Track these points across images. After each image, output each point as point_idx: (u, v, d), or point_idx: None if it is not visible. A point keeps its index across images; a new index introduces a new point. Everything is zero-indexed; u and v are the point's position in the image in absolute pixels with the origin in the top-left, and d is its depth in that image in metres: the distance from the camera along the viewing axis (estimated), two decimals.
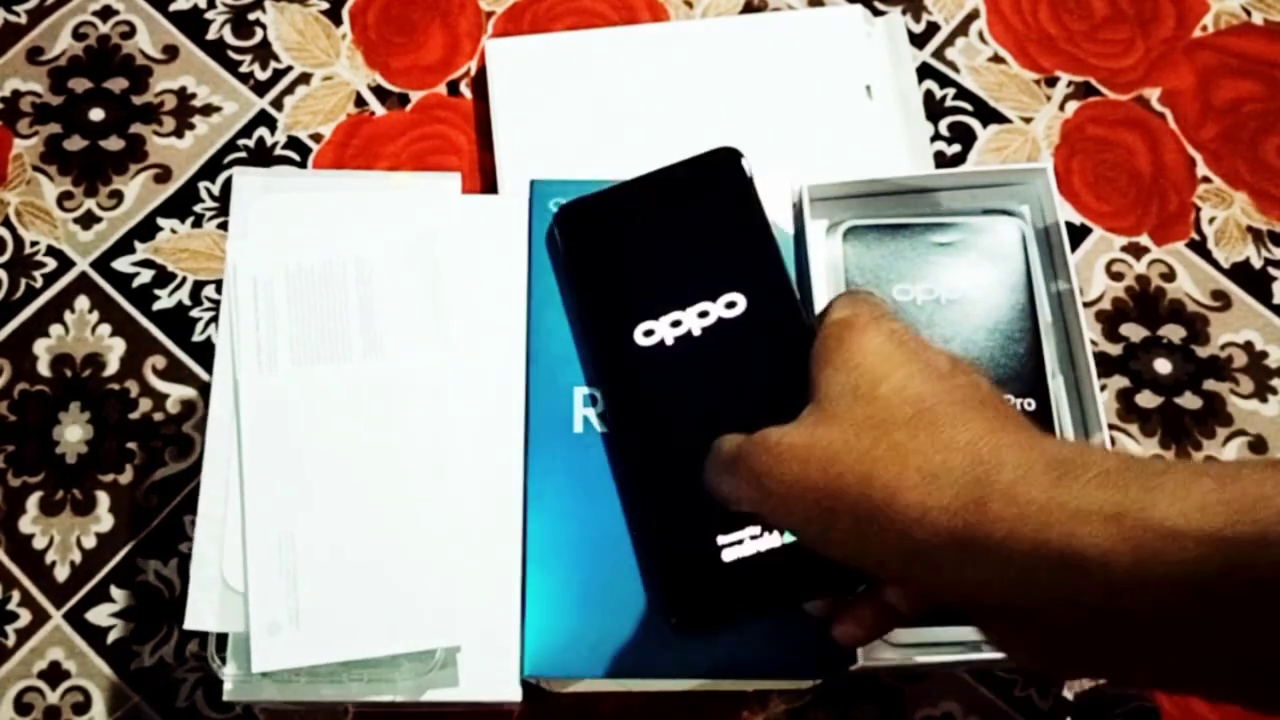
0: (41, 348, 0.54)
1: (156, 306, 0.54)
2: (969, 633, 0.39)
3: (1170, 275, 0.54)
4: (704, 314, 0.41)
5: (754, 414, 0.39)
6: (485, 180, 0.56)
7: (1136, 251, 0.55)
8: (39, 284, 0.55)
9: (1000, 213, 0.45)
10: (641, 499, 0.39)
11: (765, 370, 0.40)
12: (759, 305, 0.41)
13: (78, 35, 0.59)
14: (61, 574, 0.50)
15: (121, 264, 0.55)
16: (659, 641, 0.39)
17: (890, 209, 0.45)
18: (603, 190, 0.43)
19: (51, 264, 0.55)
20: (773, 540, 0.38)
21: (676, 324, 0.41)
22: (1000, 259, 0.44)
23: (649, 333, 0.41)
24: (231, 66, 0.59)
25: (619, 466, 0.40)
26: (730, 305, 0.41)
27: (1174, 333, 0.53)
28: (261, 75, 0.59)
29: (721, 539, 0.38)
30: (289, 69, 0.59)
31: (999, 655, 0.40)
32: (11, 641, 0.49)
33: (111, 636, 0.49)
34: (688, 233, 0.42)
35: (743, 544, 0.38)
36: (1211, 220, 0.55)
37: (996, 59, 0.59)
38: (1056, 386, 0.42)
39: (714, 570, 0.38)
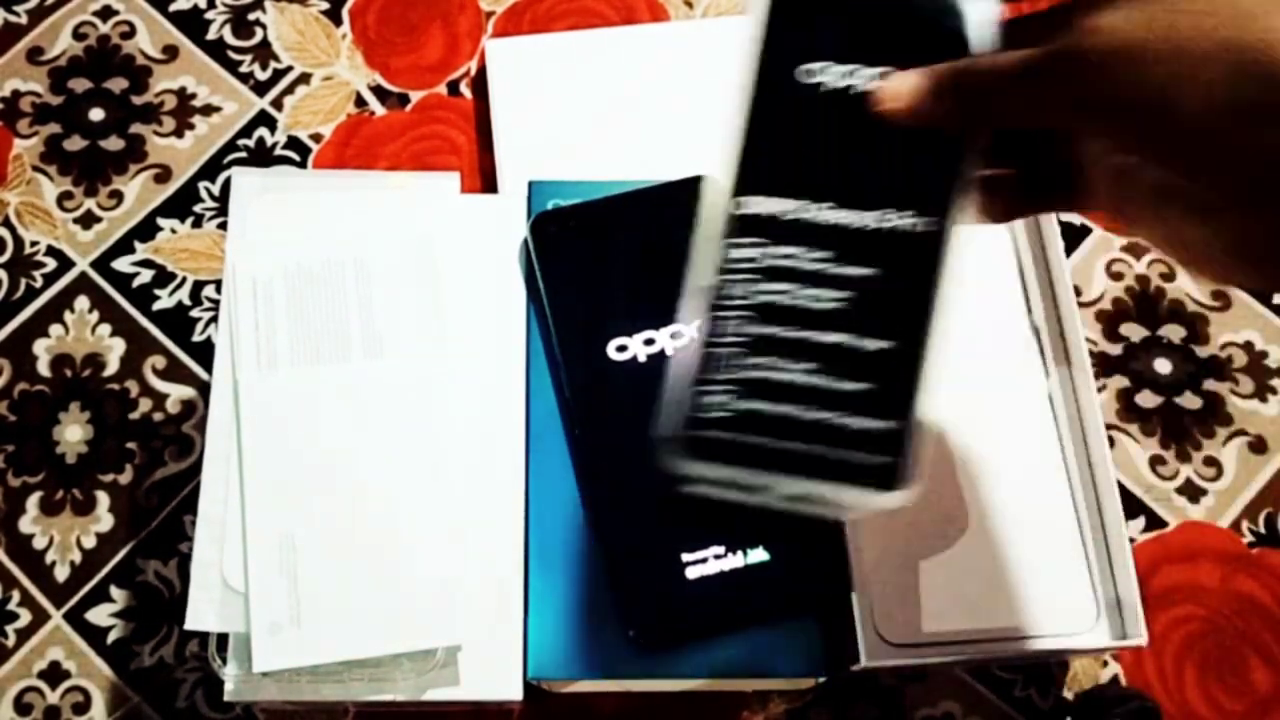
0: (41, 348, 0.54)
1: (156, 306, 0.54)
2: (969, 632, 0.40)
3: (1170, 275, 0.54)
4: (677, 335, 0.41)
5: None
6: (485, 180, 0.56)
7: (1136, 251, 0.55)
8: (39, 284, 0.55)
9: None
10: (607, 511, 0.40)
11: None
12: None
13: (78, 35, 0.59)
14: (61, 574, 0.50)
15: (121, 264, 0.55)
16: None
17: None
18: (579, 204, 0.44)
19: (51, 264, 0.55)
20: (736, 560, 0.39)
21: (650, 342, 0.41)
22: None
23: (622, 348, 0.41)
24: (231, 66, 0.59)
25: (585, 476, 0.40)
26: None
27: (1174, 332, 0.53)
28: (261, 75, 0.59)
29: (685, 556, 0.39)
30: (289, 69, 0.59)
31: (999, 655, 0.40)
32: (11, 641, 0.49)
33: (111, 636, 0.49)
34: (664, 254, 0.43)
35: (706, 562, 0.39)
36: None
37: None
38: (1051, 385, 0.43)
39: (676, 586, 0.38)
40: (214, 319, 0.54)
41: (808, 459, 0.33)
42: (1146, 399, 0.52)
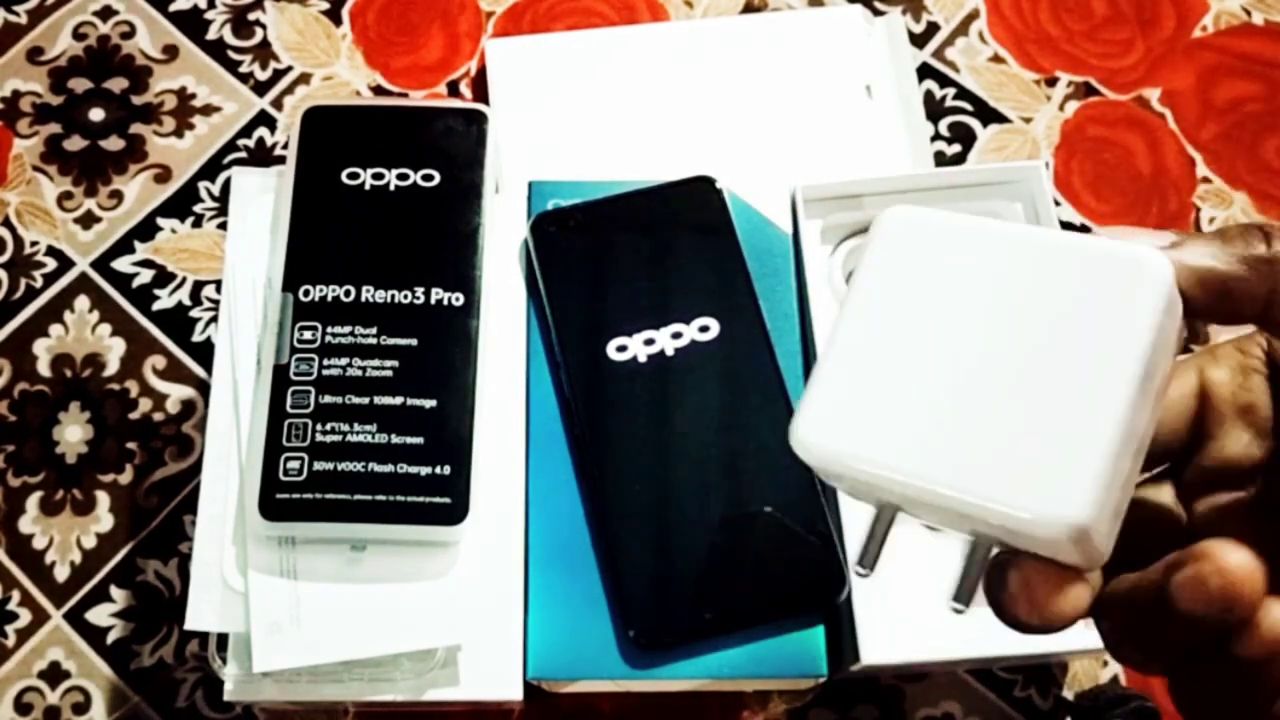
0: (41, 348, 0.54)
1: (156, 306, 0.54)
2: (969, 629, 0.40)
3: None
4: (677, 335, 0.41)
5: (720, 437, 0.40)
6: None
7: None
8: (39, 284, 0.55)
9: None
10: (607, 511, 0.40)
11: (733, 396, 0.41)
12: (731, 332, 0.41)
13: (78, 35, 0.59)
14: (61, 574, 0.50)
15: (121, 264, 0.55)
16: None
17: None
18: (579, 204, 0.44)
19: (51, 264, 0.55)
20: (736, 560, 0.39)
21: (650, 342, 0.41)
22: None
23: (622, 348, 0.41)
24: (231, 66, 0.59)
25: (585, 476, 0.40)
26: (704, 329, 0.41)
27: None
28: (261, 75, 0.59)
29: (685, 556, 0.39)
30: (289, 69, 0.59)
31: (999, 655, 0.40)
32: (11, 641, 0.49)
33: (111, 636, 0.49)
34: (665, 254, 0.43)
35: (706, 562, 0.39)
36: (1211, 220, 0.55)
37: (996, 59, 0.59)
38: None
39: (677, 587, 0.38)
40: (214, 319, 0.54)
41: (380, 507, 0.38)
42: None
